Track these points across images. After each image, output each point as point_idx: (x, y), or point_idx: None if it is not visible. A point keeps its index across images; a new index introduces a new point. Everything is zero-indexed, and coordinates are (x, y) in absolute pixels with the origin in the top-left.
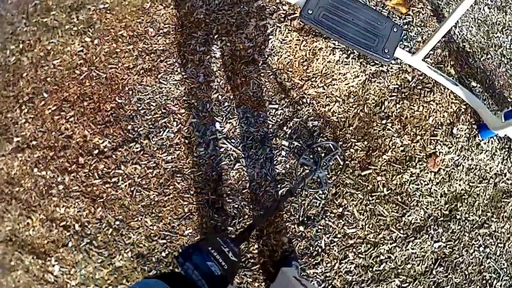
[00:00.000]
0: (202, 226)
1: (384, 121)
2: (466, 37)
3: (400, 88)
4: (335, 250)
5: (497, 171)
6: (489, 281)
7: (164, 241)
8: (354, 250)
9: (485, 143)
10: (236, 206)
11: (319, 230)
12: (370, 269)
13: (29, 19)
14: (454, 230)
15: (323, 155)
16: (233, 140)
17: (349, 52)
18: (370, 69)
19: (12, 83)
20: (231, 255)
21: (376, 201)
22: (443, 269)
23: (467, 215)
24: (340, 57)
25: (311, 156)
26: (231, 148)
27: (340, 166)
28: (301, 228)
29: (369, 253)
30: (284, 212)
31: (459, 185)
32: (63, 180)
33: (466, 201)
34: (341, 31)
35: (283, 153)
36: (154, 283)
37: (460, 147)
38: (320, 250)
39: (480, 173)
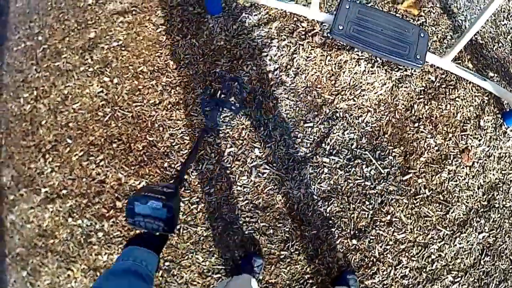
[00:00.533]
0: (256, 254)
1: (416, 124)
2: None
3: (426, 89)
4: (389, 258)
5: None
6: None
7: (219, 275)
8: (406, 254)
9: (511, 130)
10: (287, 229)
11: (371, 241)
12: (424, 270)
13: (39, 64)
14: (495, 219)
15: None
16: (274, 164)
17: (373, 61)
18: (396, 75)
19: (31, 132)
20: (166, 189)
21: (420, 203)
22: (490, 258)
23: (504, 202)
24: (365, 67)
25: (209, 94)
26: (274, 173)
27: (383, 175)
28: (354, 241)
29: (420, 255)
30: (335, 229)
31: (493, 174)
32: (102, 227)
33: (501, 189)
34: (375, 44)
35: (326, 170)
36: (126, 251)
37: (489, 138)
38: (375, 259)
39: (510, 159)
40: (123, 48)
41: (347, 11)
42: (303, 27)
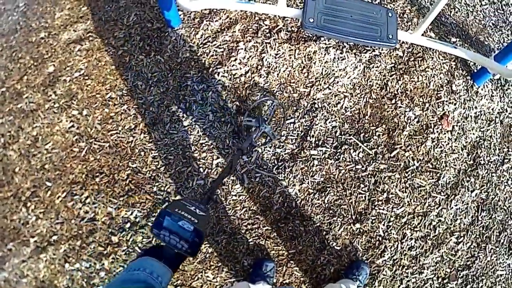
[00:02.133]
0: (265, 258)
1: (393, 101)
2: None
3: (396, 65)
4: (393, 233)
5: (499, 109)
6: None
7: None
8: (409, 226)
9: (481, 89)
10: (290, 228)
11: (373, 221)
12: (428, 238)
13: (0, 109)
14: (483, 175)
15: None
16: (264, 167)
17: (341, 47)
18: (365, 57)
19: (6, 182)
20: (198, 211)
21: (412, 175)
22: (486, 213)
23: (488, 158)
24: (335, 54)
25: (252, 116)
26: (266, 175)
27: (371, 156)
28: (357, 225)
29: (422, 224)
30: (337, 217)
31: (473, 134)
32: (102, 265)
33: (483, 146)
34: (348, 31)
35: (316, 162)
36: (142, 261)
37: (463, 100)
38: (380, 238)
39: (486, 117)
40: (86, 77)
41: (315, 2)
42: (266, 25)
